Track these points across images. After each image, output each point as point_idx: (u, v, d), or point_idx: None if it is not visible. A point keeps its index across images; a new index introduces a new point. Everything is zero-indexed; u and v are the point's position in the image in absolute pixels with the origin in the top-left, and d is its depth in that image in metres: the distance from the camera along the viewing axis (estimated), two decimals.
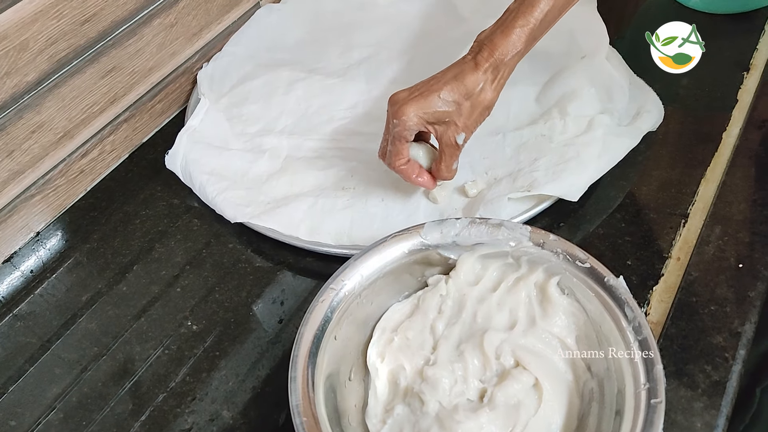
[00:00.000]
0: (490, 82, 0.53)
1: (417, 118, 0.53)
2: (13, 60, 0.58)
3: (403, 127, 0.53)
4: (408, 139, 0.55)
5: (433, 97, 0.53)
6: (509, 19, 0.53)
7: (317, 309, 0.45)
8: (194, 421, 0.50)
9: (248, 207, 0.63)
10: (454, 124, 0.54)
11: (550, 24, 0.54)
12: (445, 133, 0.54)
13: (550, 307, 0.46)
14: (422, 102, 0.53)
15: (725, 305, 0.50)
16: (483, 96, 0.53)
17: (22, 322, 0.59)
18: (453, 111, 0.53)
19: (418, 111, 0.53)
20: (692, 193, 0.59)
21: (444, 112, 0.53)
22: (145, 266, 0.62)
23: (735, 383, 0.46)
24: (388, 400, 0.47)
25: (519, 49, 0.53)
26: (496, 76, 0.53)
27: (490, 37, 0.53)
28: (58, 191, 0.67)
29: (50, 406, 0.53)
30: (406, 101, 0.53)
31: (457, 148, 0.55)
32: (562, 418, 0.44)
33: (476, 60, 0.53)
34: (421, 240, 0.49)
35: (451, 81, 0.53)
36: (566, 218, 0.59)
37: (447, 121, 0.54)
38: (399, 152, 0.56)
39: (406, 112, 0.53)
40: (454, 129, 0.54)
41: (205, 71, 0.78)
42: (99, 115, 0.69)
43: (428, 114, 0.53)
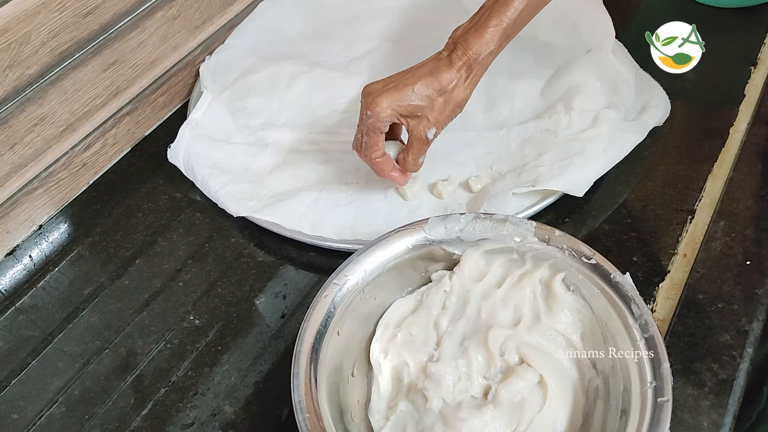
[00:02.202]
0: (463, 80, 0.54)
1: (390, 110, 0.53)
2: (15, 53, 0.58)
3: (376, 118, 0.54)
4: (382, 130, 0.55)
5: (407, 91, 0.53)
6: (483, 17, 0.53)
7: (320, 304, 0.45)
8: (196, 415, 0.50)
9: (251, 201, 0.62)
10: (426, 118, 0.54)
11: (524, 22, 0.54)
12: (416, 127, 0.54)
13: (555, 304, 0.46)
14: (396, 94, 0.53)
15: (732, 302, 0.50)
16: (456, 93, 0.54)
17: (25, 316, 0.59)
18: (425, 106, 0.53)
19: (392, 103, 0.53)
20: (699, 189, 0.58)
21: (417, 106, 0.53)
22: (147, 260, 0.62)
23: (742, 381, 0.46)
24: (391, 396, 0.47)
25: (492, 49, 0.53)
26: (469, 74, 0.54)
27: (464, 36, 0.53)
28: (61, 184, 0.67)
29: (52, 400, 0.53)
30: (380, 93, 0.54)
31: (426, 142, 0.55)
32: (567, 416, 0.43)
33: (450, 58, 0.54)
34: (425, 235, 0.48)
35: (426, 76, 0.53)
36: (571, 214, 0.58)
37: (419, 115, 0.54)
38: (374, 144, 0.56)
39: (379, 104, 0.53)
40: (426, 123, 0.54)
41: (208, 64, 0.77)
42: (101, 108, 0.68)
43: (401, 107, 0.53)
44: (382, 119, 0.54)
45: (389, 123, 0.55)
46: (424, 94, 0.53)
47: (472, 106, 0.69)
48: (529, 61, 0.72)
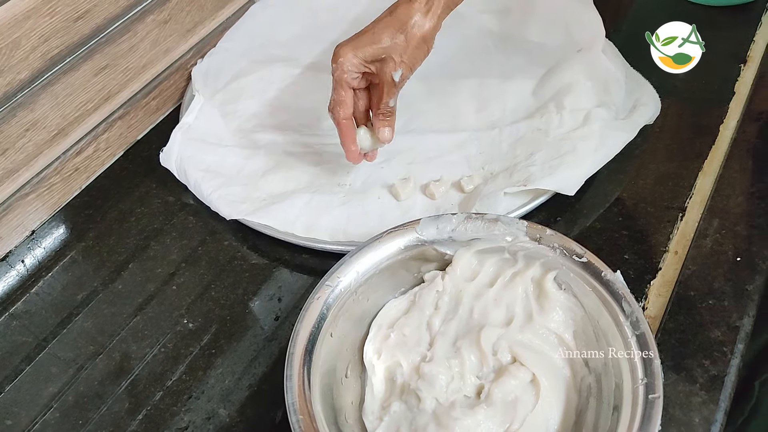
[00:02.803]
0: (423, 13, 0.53)
1: (355, 58, 0.53)
2: (6, 58, 0.58)
3: (341, 69, 0.54)
4: (350, 83, 0.55)
5: (367, 35, 0.53)
6: None
7: (313, 306, 0.45)
8: (191, 419, 0.50)
9: (243, 204, 0.62)
10: (391, 59, 0.53)
11: None
12: (382, 70, 0.54)
13: (547, 303, 0.46)
14: (357, 41, 0.53)
15: (723, 299, 0.50)
16: (417, 28, 0.53)
17: (18, 321, 0.59)
18: (388, 46, 0.53)
19: (355, 51, 0.53)
20: (689, 187, 0.58)
21: (379, 48, 0.53)
22: (140, 264, 0.61)
23: (733, 377, 0.46)
24: (384, 397, 0.47)
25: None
26: (430, 7, 0.53)
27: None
28: (53, 189, 0.67)
29: (47, 405, 0.52)
30: (344, 44, 0.54)
31: (393, 85, 0.55)
32: (560, 414, 0.44)
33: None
34: (417, 236, 0.48)
35: (385, 17, 0.54)
36: (563, 213, 0.59)
37: (383, 57, 0.54)
38: (341, 101, 0.55)
39: (342, 54, 0.53)
40: (392, 65, 0.54)
41: (200, 68, 0.77)
42: (93, 112, 0.68)
43: (364, 52, 0.53)
44: (347, 70, 0.54)
45: (356, 74, 0.54)
46: (385, 35, 0.53)
47: (464, 106, 0.70)
48: (521, 61, 0.72)
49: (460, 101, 0.70)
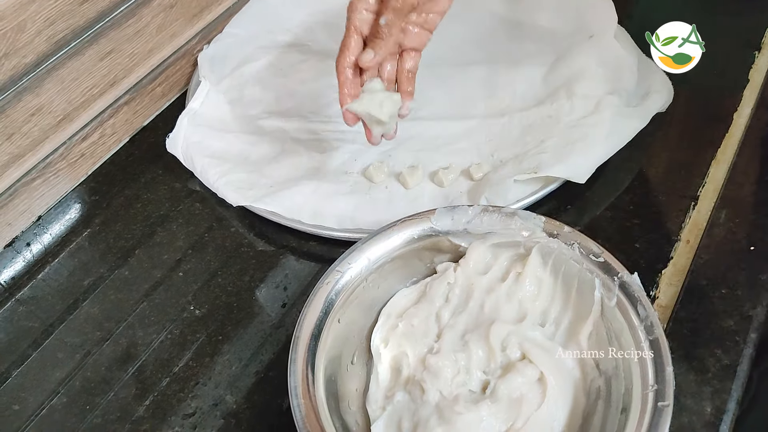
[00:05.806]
0: None
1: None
2: (11, 41, 0.57)
3: (350, 9, 0.50)
4: (355, 24, 0.50)
5: None
6: None
7: (321, 291, 0.45)
8: (198, 405, 0.50)
9: (250, 190, 0.62)
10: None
11: None
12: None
13: None
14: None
15: (736, 288, 0.49)
16: None
17: (25, 307, 0.59)
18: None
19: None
20: (702, 175, 0.58)
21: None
22: (147, 250, 0.61)
23: (746, 367, 0.45)
24: (389, 386, 0.46)
25: None
26: None
27: None
28: (59, 175, 0.67)
29: (54, 391, 0.52)
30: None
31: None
32: (566, 415, 0.42)
33: None
34: (432, 226, 0.48)
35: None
36: (573, 201, 0.58)
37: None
38: (345, 47, 0.51)
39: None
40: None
41: (206, 53, 0.76)
42: (99, 97, 0.68)
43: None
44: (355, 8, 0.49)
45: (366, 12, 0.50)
46: None
47: (473, 93, 0.69)
48: (531, 47, 0.71)
49: (470, 88, 0.69)
